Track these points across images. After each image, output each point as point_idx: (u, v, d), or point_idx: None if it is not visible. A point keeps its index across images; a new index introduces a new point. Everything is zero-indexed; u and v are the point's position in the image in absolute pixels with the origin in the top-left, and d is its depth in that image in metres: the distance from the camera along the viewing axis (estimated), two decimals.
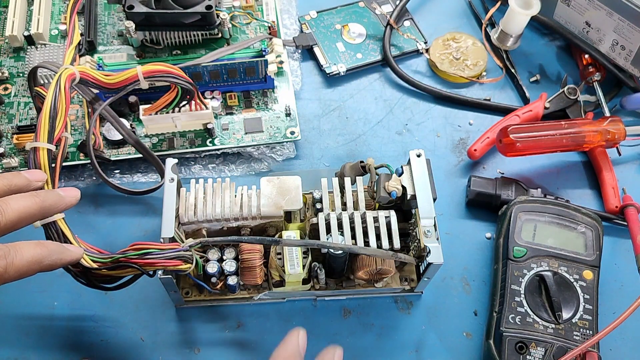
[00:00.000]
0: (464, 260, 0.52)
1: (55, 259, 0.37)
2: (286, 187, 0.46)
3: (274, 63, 0.55)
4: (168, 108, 0.52)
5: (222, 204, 0.45)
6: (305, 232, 0.47)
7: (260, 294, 0.46)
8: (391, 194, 0.45)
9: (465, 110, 0.61)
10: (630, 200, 0.52)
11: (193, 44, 0.59)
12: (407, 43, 0.63)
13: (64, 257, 0.38)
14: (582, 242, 0.49)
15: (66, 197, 0.41)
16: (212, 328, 0.48)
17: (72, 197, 0.41)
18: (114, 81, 0.48)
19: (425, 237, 0.44)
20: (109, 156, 0.53)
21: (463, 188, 0.56)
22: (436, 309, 0.50)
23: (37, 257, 0.36)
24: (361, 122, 0.59)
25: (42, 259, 0.36)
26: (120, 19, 0.61)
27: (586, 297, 0.46)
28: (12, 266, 0.34)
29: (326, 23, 0.64)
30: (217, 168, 0.55)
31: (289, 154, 0.56)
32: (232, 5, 0.61)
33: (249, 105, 0.57)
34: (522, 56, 0.64)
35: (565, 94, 0.59)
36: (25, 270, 0.35)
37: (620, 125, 0.54)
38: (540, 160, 0.57)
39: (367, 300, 0.50)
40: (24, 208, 0.37)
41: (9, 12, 0.59)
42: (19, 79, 0.57)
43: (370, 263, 0.45)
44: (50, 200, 0.39)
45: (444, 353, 0.48)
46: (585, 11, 0.58)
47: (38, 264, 0.36)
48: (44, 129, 0.43)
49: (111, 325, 0.48)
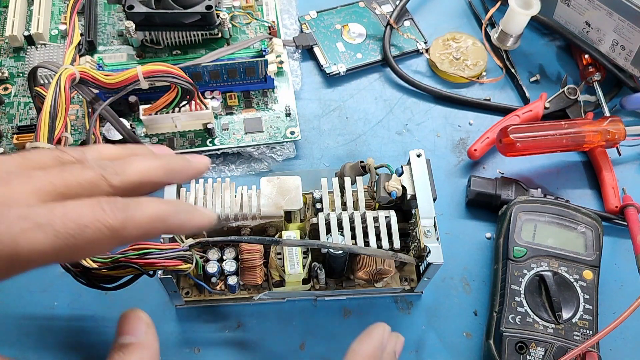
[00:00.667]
0: (464, 260, 0.52)
1: (183, 218, 0.33)
2: (286, 187, 0.46)
3: (274, 63, 0.55)
4: (168, 108, 0.52)
5: (222, 204, 0.45)
6: (305, 232, 0.47)
7: (260, 294, 0.46)
8: (391, 194, 0.45)
9: (465, 110, 0.61)
10: (630, 200, 0.53)
11: (193, 44, 0.59)
12: (407, 43, 0.63)
13: (194, 217, 0.34)
14: (582, 242, 0.49)
15: (194, 162, 0.36)
16: (212, 328, 0.48)
17: (201, 163, 0.36)
18: (114, 81, 0.48)
19: (425, 237, 0.44)
20: None
21: (463, 188, 0.56)
22: (436, 309, 0.50)
23: (162, 213, 0.31)
24: (361, 122, 0.59)
25: (167, 216, 0.32)
26: (120, 19, 0.61)
27: (586, 297, 0.46)
28: (132, 221, 0.30)
29: (326, 23, 0.64)
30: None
31: (289, 154, 0.56)
32: (232, 5, 0.61)
33: (249, 105, 0.57)
34: (522, 56, 0.64)
35: (565, 94, 0.59)
36: (147, 228, 0.31)
37: (620, 125, 0.54)
38: (540, 160, 0.57)
39: (367, 300, 0.50)
40: (147, 169, 0.33)
41: (9, 12, 0.59)
42: (19, 79, 0.57)
43: (370, 263, 0.45)
44: (176, 164, 0.35)
45: (444, 353, 0.48)
46: (585, 11, 0.58)
47: (162, 221, 0.31)
48: (44, 129, 0.43)
49: (111, 325, 0.47)
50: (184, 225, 0.33)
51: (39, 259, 0.28)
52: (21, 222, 0.28)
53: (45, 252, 0.28)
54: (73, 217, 0.28)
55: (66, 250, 0.28)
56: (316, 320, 0.49)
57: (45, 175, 0.30)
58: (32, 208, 0.28)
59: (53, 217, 0.28)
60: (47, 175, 0.30)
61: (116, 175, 0.32)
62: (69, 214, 0.28)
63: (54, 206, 0.29)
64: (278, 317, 0.49)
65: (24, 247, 0.27)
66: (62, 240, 0.28)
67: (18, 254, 0.27)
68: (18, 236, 0.27)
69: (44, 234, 0.28)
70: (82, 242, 0.28)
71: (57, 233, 0.28)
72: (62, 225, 0.28)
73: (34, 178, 0.30)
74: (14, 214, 0.28)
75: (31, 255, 0.28)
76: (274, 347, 0.47)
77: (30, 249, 0.27)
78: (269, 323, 0.48)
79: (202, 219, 0.34)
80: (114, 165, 0.32)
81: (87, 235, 0.29)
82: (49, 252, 0.28)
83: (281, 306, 0.49)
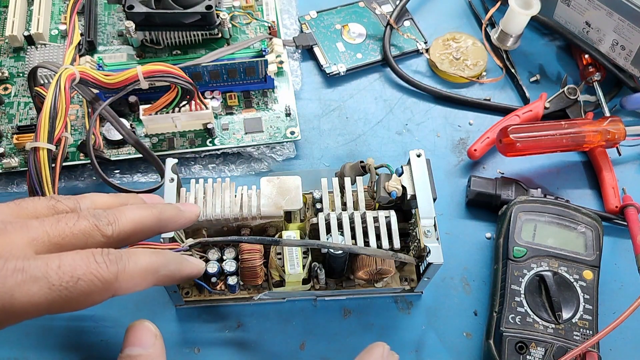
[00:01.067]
0: (464, 260, 0.52)
1: (173, 269, 0.34)
2: (286, 187, 0.46)
3: (274, 63, 0.55)
4: (168, 108, 0.52)
5: (222, 204, 0.45)
6: (305, 232, 0.47)
7: (260, 294, 0.46)
8: (391, 194, 0.45)
9: (465, 110, 0.61)
10: (630, 200, 0.52)
11: (193, 44, 0.59)
12: (407, 43, 0.63)
13: (183, 268, 0.35)
14: (582, 242, 0.49)
15: (185, 211, 0.38)
16: (212, 328, 0.48)
17: (192, 212, 0.38)
18: (114, 81, 0.48)
19: (425, 237, 0.44)
20: (109, 156, 0.53)
21: (463, 188, 0.56)
22: (436, 309, 0.50)
23: (154, 265, 0.33)
24: (361, 122, 0.59)
25: (159, 268, 0.33)
26: (120, 19, 0.61)
27: (586, 297, 0.46)
28: (125, 273, 0.31)
29: (326, 23, 0.64)
30: (217, 168, 0.55)
31: (289, 154, 0.56)
32: (232, 5, 0.61)
33: (249, 105, 0.57)
34: (522, 56, 0.64)
35: (565, 94, 0.59)
36: (140, 280, 0.32)
37: (620, 125, 0.54)
38: (540, 160, 0.57)
39: (367, 300, 0.50)
40: (139, 219, 0.34)
41: (9, 12, 0.59)
42: (19, 79, 0.57)
43: (370, 263, 0.45)
44: (168, 213, 0.36)
45: (444, 353, 0.48)
46: (585, 11, 0.58)
47: (154, 273, 0.33)
48: (44, 129, 0.43)
49: (111, 325, 0.48)
50: (174, 275, 0.35)
51: (33, 311, 0.29)
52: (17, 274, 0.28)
53: (40, 304, 0.29)
54: (67, 269, 0.29)
55: (60, 302, 0.29)
56: (316, 320, 0.49)
57: (40, 226, 0.31)
58: (28, 261, 0.29)
59: (48, 270, 0.29)
60: (43, 225, 0.31)
61: (109, 225, 0.33)
62: (63, 267, 0.29)
63: (49, 258, 0.30)
64: (278, 317, 0.49)
65: (20, 299, 0.28)
66: (56, 292, 0.29)
67: (13, 306, 0.28)
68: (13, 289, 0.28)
69: (38, 287, 0.29)
70: (76, 295, 0.30)
71: (51, 286, 0.29)
72: (57, 278, 0.29)
73: (30, 228, 0.31)
74: (10, 267, 0.28)
75: (26, 308, 0.28)
76: (274, 347, 0.47)
77: (25, 302, 0.28)
78: (269, 323, 0.48)
79: (191, 269, 0.36)
80: (107, 215, 0.33)
81: (81, 288, 0.30)
82: (43, 305, 0.29)
83: (281, 306, 0.49)
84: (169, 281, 0.35)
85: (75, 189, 0.53)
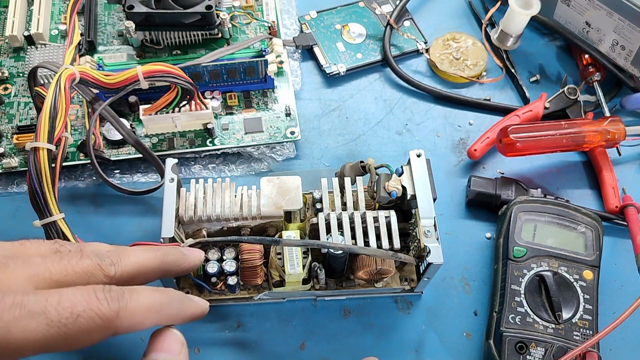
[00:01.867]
0: (464, 260, 0.52)
1: (175, 309, 0.34)
2: (286, 187, 0.46)
3: (274, 63, 0.55)
4: (168, 108, 0.52)
5: (222, 204, 0.45)
6: (305, 232, 0.47)
7: (260, 294, 0.46)
8: (391, 194, 0.45)
9: (465, 110, 0.61)
10: (630, 200, 0.52)
11: (193, 44, 0.59)
12: (407, 43, 0.63)
13: (186, 307, 0.35)
14: (582, 242, 0.49)
15: (190, 256, 0.37)
16: (212, 328, 0.48)
17: (196, 257, 0.38)
18: (114, 81, 0.48)
19: (425, 237, 0.44)
20: (109, 156, 0.53)
21: (463, 188, 0.56)
22: (436, 309, 0.50)
23: (156, 303, 0.32)
24: (361, 122, 0.59)
25: (161, 307, 0.33)
26: (120, 19, 0.61)
27: (586, 297, 0.46)
28: (126, 311, 0.30)
29: (326, 23, 0.64)
30: (217, 168, 0.55)
31: (289, 154, 0.56)
32: (232, 5, 0.61)
33: (249, 105, 0.57)
34: (522, 56, 0.64)
35: (565, 94, 0.59)
36: (141, 319, 0.31)
37: (620, 125, 0.54)
38: (540, 160, 0.57)
39: (367, 300, 0.50)
40: (143, 261, 0.34)
41: (9, 12, 0.59)
42: (19, 79, 0.57)
43: (370, 263, 0.45)
44: (172, 256, 0.36)
45: (444, 353, 0.48)
46: (585, 11, 0.58)
47: (156, 312, 0.32)
48: (44, 129, 0.43)
49: None
50: (177, 315, 0.34)
51: (30, 347, 0.28)
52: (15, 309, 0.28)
53: (37, 341, 0.28)
54: (67, 305, 0.29)
55: (58, 339, 0.28)
56: (316, 320, 0.49)
57: (42, 262, 0.31)
58: (27, 296, 0.28)
59: (47, 306, 0.28)
60: (45, 262, 0.31)
61: (112, 266, 0.32)
62: (63, 303, 0.29)
63: (49, 294, 0.29)
64: (278, 317, 0.49)
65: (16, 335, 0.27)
66: (54, 329, 0.28)
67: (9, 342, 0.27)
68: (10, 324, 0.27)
69: (36, 323, 0.28)
70: (74, 332, 0.29)
71: (49, 322, 0.28)
72: (56, 314, 0.28)
73: (32, 264, 0.30)
74: (8, 301, 0.28)
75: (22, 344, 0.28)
76: (274, 347, 0.47)
77: (22, 338, 0.27)
78: (269, 323, 0.48)
79: (195, 309, 0.35)
80: (111, 255, 0.33)
81: (80, 325, 0.29)
82: (41, 341, 0.28)
83: (281, 306, 0.49)
84: (171, 321, 0.34)
85: (75, 189, 0.53)
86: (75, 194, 0.53)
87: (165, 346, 0.33)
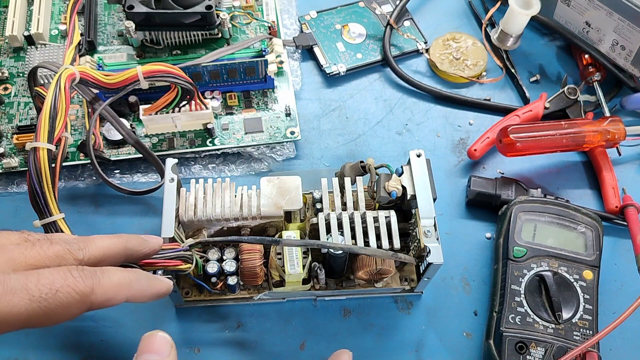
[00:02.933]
0: (464, 260, 0.52)
1: (144, 284, 0.37)
2: (286, 187, 0.46)
3: (274, 63, 0.55)
4: (168, 108, 0.52)
5: (222, 204, 0.45)
6: (305, 232, 0.47)
7: (260, 294, 0.46)
8: (391, 194, 0.45)
9: (465, 110, 0.61)
10: (630, 200, 0.52)
11: (193, 44, 0.59)
12: (407, 43, 0.63)
13: (152, 285, 0.38)
14: (582, 242, 0.49)
15: (149, 242, 0.40)
16: (212, 328, 0.48)
17: (155, 243, 0.40)
18: (114, 81, 0.48)
19: (425, 237, 0.44)
20: (109, 156, 0.53)
21: (463, 188, 0.56)
22: (436, 309, 0.50)
23: (126, 280, 0.35)
24: (361, 122, 0.59)
25: (131, 282, 0.36)
26: (120, 19, 0.61)
27: (586, 297, 0.46)
28: (100, 287, 0.33)
29: (326, 23, 0.64)
30: (217, 168, 0.55)
31: (289, 154, 0.56)
32: (232, 5, 0.61)
33: (249, 105, 0.57)
34: (522, 56, 0.64)
35: (565, 94, 0.59)
36: (113, 294, 0.34)
37: (620, 125, 0.54)
38: (540, 160, 0.57)
39: (367, 300, 0.50)
40: (107, 246, 0.37)
41: (9, 12, 0.59)
42: (19, 79, 0.57)
43: (370, 263, 0.45)
44: (134, 241, 0.39)
45: (444, 353, 0.48)
46: (585, 11, 0.58)
47: (127, 287, 0.35)
48: (44, 129, 0.43)
49: (111, 325, 0.48)
50: (146, 291, 0.37)
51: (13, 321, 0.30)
52: None
53: (20, 314, 0.30)
54: (46, 282, 0.31)
55: (40, 313, 0.31)
56: (316, 320, 0.49)
57: (16, 248, 0.33)
58: (7, 275, 0.31)
59: (27, 283, 0.31)
60: (19, 247, 0.33)
61: (80, 250, 0.35)
62: (42, 280, 0.31)
63: (28, 273, 0.32)
64: (278, 317, 0.49)
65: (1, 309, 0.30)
66: (36, 304, 0.31)
67: None
68: None
69: (19, 298, 0.30)
70: (54, 306, 0.31)
71: (31, 297, 0.31)
72: (37, 290, 0.31)
73: (6, 250, 0.33)
74: None
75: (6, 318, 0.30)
76: (274, 347, 0.47)
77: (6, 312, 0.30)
78: (269, 323, 0.48)
79: (161, 286, 0.38)
80: (78, 242, 0.36)
81: (59, 299, 0.31)
82: (23, 315, 0.30)
83: (281, 306, 0.49)
84: (141, 296, 0.37)
85: (75, 189, 0.53)
86: (75, 194, 0.53)
87: (155, 348, 0.35)
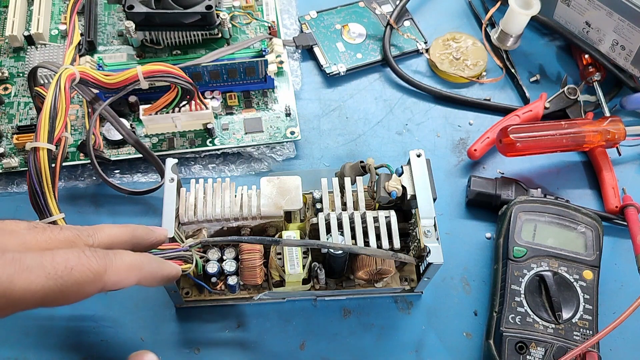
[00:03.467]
0: (464, 260, 0.52)
1: (155, 267, 0.38)
2: (286, 187, 0.46)
3: (274, 63, 0.55)
4: (168, 108, 0.52)
5: (222, 204, 0.45)
6: (305, 232, 0.47)
7: (260, 294, 0.46)
8: (391, 194, 0.45)
9: (465, 110, 0.61)
10: (630, 200, 0.52)
11: (193, 44, 0.59)
12: (407, 43, 0.63)
13: (163, 268, 0.38)
14: (582, 242, 0.49)
15: (156, 232, 0.41)
16: (212, 328, 0.48)
17: (161, 234, 0.41)
18: (114, 81, 0.48)
19: (425, 237, 0.44)
20: (109, 156, 0.53)
21: (463, 188, 0.56)
22: (436, 309, 0.50)
23: (137, 262, 0.36)
24: (361, 122, 0.59)
25: (142, 265, 0.36)
26: (120, 19, 0.61)
27: (586, 297, 0.46)
28: (112, 267, 0.34)
29: (326, 23, 0.64)
30: (217, 168, 0.55)
31: (289, 154, 0.56)
32: (232, 5, 0.61)
33: (249, 105, 0.57)
34: (522, 56, 0.64)
35: (565, 94, 0.59)
36: (125, 275, 0.35)
37: (620, 125, 0.54)
38: (540, 160, 0.57)
39: (367, 300, 0.50)
40: (115, 233, 0.37)
41: (9, 12, 0.59)
42: (19, 79, 0.57)
43: (370, 263, 0.45)
44: (141, 231, 0.39)
45: (444, 353, 0.48)
46: (585, 11, 0.58)
47: (138, 269, 0.36)
48: (44, 129, 0.43)
49: (111, 325, 0.48)
50: (157, 274, 0.38)
51: (31, 299, 0.31)
52: (15, 263, 0.30)
53: (37, 291, 0.31)
54: (60, 260, 0.32)
55: (56, 291, 0.31)
56: (316, 320, 0.49)
57: (28, 233, 0.34)
58: (24, 254, 0.31)
59: (43, 261, 0.31)
60: (30, 232, 0.34)
61: (90, 237, 0.36)
62: (56, 258, 0.32)
63: (43, 253, 0.32)
64: (278, 317, 0.49)
65: (19, 285, 0.30)
66: (52, 281, 0.31)
67: (12, 293, 0.30)
68: (13, 276, 0.30)
69: (35, 275, 0.31)
70: (70, 284, 0.32)
71: (47, 275, 0.31)
72: (52, 268, 0.31)
73: (19, 234, 0.34)
74: (8, 257, 0.31)
75: (24, 294, 0.30)
76: (274, 347, 0.47)
77: (24, 288, 0.30)
78: (269, 323, 0.48)
79: (171, 269, 0.39)
80: (87, 229, 0.37)
81: (74, 277, 0.32)
82: (40, 293, 0.31)
83: (281, 306, 0.49)
84: (151, 279, 0.38)
85: (75, 189, 0.53)
86: (75, 194, 0.53)
87: None
